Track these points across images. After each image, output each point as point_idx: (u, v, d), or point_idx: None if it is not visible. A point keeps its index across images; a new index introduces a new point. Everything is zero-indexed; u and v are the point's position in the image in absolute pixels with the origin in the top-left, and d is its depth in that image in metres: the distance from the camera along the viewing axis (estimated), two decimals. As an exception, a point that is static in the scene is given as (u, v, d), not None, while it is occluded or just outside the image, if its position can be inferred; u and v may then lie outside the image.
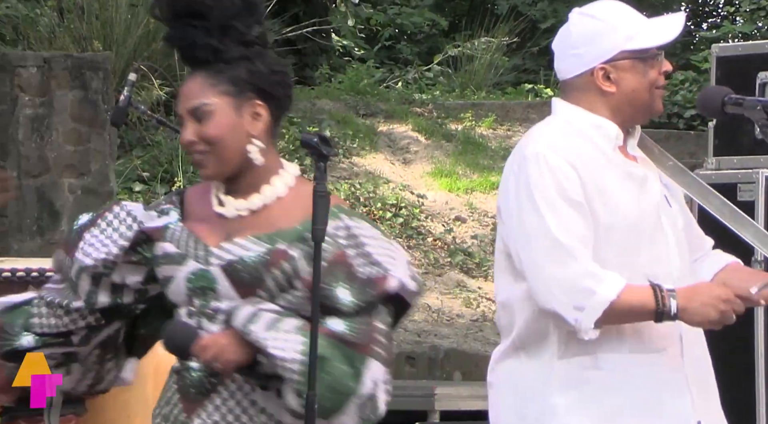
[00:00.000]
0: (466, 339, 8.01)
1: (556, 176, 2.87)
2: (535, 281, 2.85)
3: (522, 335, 2.92)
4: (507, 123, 10.62)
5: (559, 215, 2.85)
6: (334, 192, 8.93)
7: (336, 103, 10.40)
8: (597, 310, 2.82)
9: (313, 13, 11.50)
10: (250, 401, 2.62)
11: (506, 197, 2.94)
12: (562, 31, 3.04)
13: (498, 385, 2.99)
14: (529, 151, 2.92)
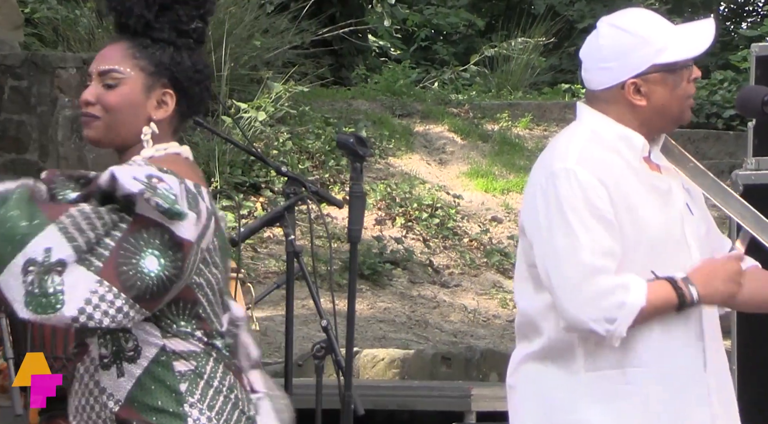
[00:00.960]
0: (502, 340, 8.00)
1: (587, 193, 2.87)
2: (563, 298, 2.86)
3: (548, 345, 2.93)
4: (543, 123, 10.60)
5: (589, 233, 2.86)
6: (370, 193, 8.94)
7: (372, 103, 10.41)
8: (628, 318, 2.85)
9: (350, 13, 11.52)
10: (95, 382, 2.57)
11: (534, 212, 2.92)
12: (590, 42, 3.00)
13: (520, 389, 2.99)
14: (557, 167, 2.91)
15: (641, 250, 2.90)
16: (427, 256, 8.77)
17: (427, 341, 7.83)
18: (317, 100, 10.10)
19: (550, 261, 2.88)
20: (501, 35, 12.37)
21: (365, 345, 7.37)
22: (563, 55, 13.01)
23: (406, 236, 8.88)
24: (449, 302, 8.43)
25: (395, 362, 6.98)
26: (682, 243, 2.95)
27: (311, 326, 7.42)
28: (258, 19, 9.86)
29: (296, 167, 8.90)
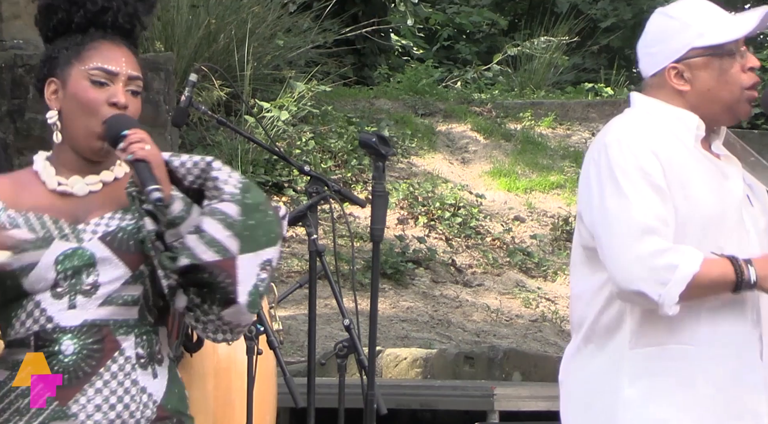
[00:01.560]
0: (525, 339, 7.99)
1: (639, 160, 2.85)
2: (615, 262, 2.82)
3: (593, 326, 2.91)
4: (566, 122, 10.58)
5: (641, 196, 2.83)
6: (393, 192, 8.94)
7: (394, 102, 10.40)
8: (681, 283, 2.80)
9: (373, 12, 11.52)
10: (132, 381, 2.57)
11: (587, 184, 2.91)
12: (643, 31, 3.03)
13: (567, 382, 2.98)
14: (609, 138, 2.90)
15: (693, 227, 2.86)
16: (450, 255, 8.76)
17: (449, 340, 7.83)
18: (340, 99, 10.11)
19: (602, 225, 2.85)
20: (524, 34, 12.35)
21: (388, 344, 7.37)
22: (586, 54, 12.98)
23: (429, 235, 8.88)
24: (472, 301, 8.42)
25: (418, 362, 6.98)
26: (739, 228, 2.91)
27: (334, 325, 7.42)
28: (281, 19, 9.87)
29: (319, 167, 8.91)
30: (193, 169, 2.58)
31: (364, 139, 3.85)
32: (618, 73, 11.83)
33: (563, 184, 9.62)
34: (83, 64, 2.60)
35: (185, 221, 2.54)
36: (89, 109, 2.59)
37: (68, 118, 2.60)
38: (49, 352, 2.54)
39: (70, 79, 2.61)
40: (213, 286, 2.55)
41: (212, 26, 9.24)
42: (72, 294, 2.55)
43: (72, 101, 2.60)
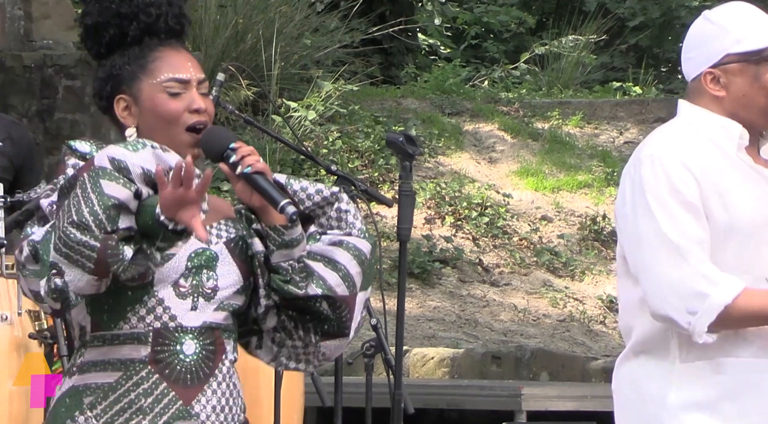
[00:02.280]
0: (552, 339, 7.98)
1: (670, 178, 2.83)
2: (647, 284, 2.82)
3: (641, 339, 2.89)
4: (594, 121, 10.55)
5: (671, 217, 2.81)
6: (420, 191, 8.94)
7: (422, 102, 10.40)
8: (710, 314, 2.78)
9: (400, 12, 11.51)
10: (233, 385, 2.61)
11: (622, 200, 2.90)
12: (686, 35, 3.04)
13: (620, 390, 2.96)
14: (644, 153, 2.89)
15: (733, 238, 2.84)
16: (477, 255, 8.75)
17: (476, 340, 7.82)
18: (367, 98, 10.11)
19: (634, 246, 2.84)
20: (552, 33, 12.32)
21: (415, 344, 7.37)
22: (614, 53, 12.94)
23: (456, 234, 8.87)
24: (499, 301, 8.41)
25: (445, 361, 6.97)
26: None
27: (361, 324, 7.42)
28: (308, 18, 9.88)
29: (346, 166, 8.91)
30: (315, 196, 2.61)
31: (391, 138, 3.85)
32: (646, 73, 11.80)
33: (591, 184, 9.59)
34: (153, 78, 2.60)
35: (300, 244, 2.57)
36: (171, 120, 2.59)
37: (149, 132, 2.59)
38: (170, 350, 2.54)
39: (143, 95, 2.60)
40: (326, 318, 2.60)
41: (240, 26, 9.26)
42: (195, 295, 2.56)
43: (150, 116, 2.60)
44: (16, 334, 3.59)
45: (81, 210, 2.42)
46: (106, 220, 2.41)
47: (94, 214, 2.41)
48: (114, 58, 2.61)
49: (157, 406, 2.52)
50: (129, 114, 2.60)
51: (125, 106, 2.60)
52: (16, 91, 7.83)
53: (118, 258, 2.42)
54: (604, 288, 8.64)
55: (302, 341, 2.64)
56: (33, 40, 8.04)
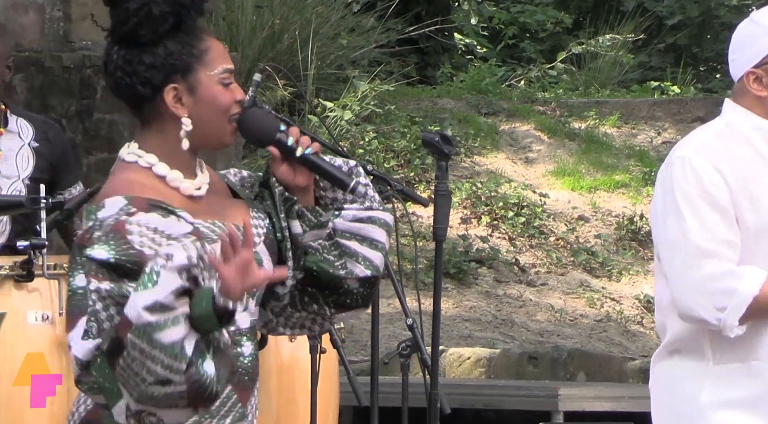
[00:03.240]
0: (590, 340, 7.95)
1: (701, 180, 2.85)
2: (675, 285, 2.84)
3: (674, 338, 2.91)
4: (632, 121, 10.51)
5: (700, 219, 2.83)
6: (456, 191, 8.93)
7: (458, 102, 10.39)
8: (740, 308, 2.80)
9: (436, 11, 11.51)
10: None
11: (655, 201, 2.94)
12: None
13: (655, 389, 2.98)
14: (676, 155, 2.91)
15: (765, 240, 2.85)
16: (513, 255, 8.74)
17: (513, 340, 7.80)
18: (403, 98, 10.11)
19: (663, 248, 2.87)
20: (588, 32, 12.28)
21: (451, 344, 7.36)
22: (652, 52, 12.88)
23: (492, 234, 8.86)
24: (535, 301, 8.39)
25: (481, 361, 6.96)
26: None
27: (397, 324, 7.42)
28: (344, 19, 9.89)
29: (382, 166, 8.91)
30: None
31: (427, 138, 3.85)
32: (685, 72, 11.74)
33: (628, 184, 9.56)
34: (210, 69, 2.57)
35: (328, 223, 2.56)
36: (225, 111, 2.57)
37: (201, 122, 2.55)
38: (234, 354, 2.52)
39: (200, 85, 2.55)
40: (350, 293, 2.59)
41: (276, 26, 9.28)
42: (245, 297, 2.53)
43: (206, 107, 2.56)
44: (57, 333, 3.61)
45: (153, 370, 2.34)
46: (180, 362, 2.35)
47: (168, 366, 2.35)
48: (167, 45, 2.54)
49: (222, 409, 2.52)
50: (180, 104, 2.55)
51: (177, 96, 2.55)
52: (55, 91, 7.87)
53: (206, 385, 2.37)
54: (642, 288, 8.61)
55: (313, 313, 2.61)
56: (72, 41, 8.09)
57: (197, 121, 2.56)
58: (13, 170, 3.96)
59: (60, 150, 4.09)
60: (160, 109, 2.55)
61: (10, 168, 3.96)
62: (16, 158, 3.96)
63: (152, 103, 2.55)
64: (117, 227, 2.45)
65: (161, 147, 2.55)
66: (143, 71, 2.54)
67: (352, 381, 4.06)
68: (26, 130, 4.03)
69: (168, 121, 2.55)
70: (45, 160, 4.04)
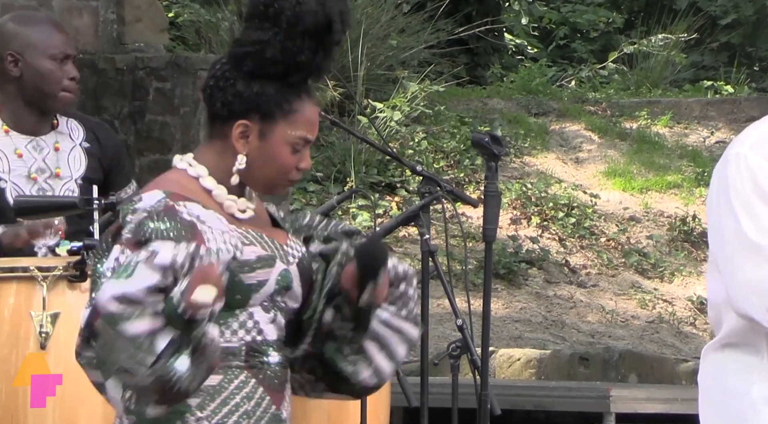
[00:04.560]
0: (641, 341, 7.91)
1: (755, 176, 2.83)
2: (728, 283, 2.82)
3: (729, 332, 2.89)
4: (684, 121, 10.44)
5: (753, 216, 2.81)
6: (505, 192, 8.90)
7: (507, 102, 10.36)
8: None
9: (486, 12, 11.48)
10: None
11: (710, 198, 2.92)
12: None
13: (704, 381, 2.96)
14: (731, 153, 2.90)
15: None
16: (563, 255, 8.70)
17: (563, 341, 7.77)
18: (452, 99, 10.10)
19: (718, 245, 2.85)
20: (640, 32, 12.21)
21: (501, 345, 7.35)
22: (705, 52, 12.79)
23: (542, 235, 8.83)
24: (586, 302, 8.36)
25: (531, 362, 6.94)
26: None
27: (446, 325, 7.41)
28: (394, 19, 9.89)
29: (431, 167, 8.90)
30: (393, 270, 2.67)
31: (476, 139, 3.83)
32: (738, 71, 11.64)
33: (680, 184, 9.49)
34: (292, 129, 2.57)
35: None
36: (282, 170, 2.58)
37: (256, 168, 2.57)
38: (261, 362, 2.57)
39: (273, 136, 2.56)
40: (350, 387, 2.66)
41: (325, 28, 9.28)
42: (275, 309, 2.59)
43: (267, 157, 2.57)
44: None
45: (116, 358, 2.38)
46: (145, 354, 2.39)
47: (132, 357, 2.37)
48: (263, 85, 2.54)
49: (258, 410, 2.55)
50: (245, 141, 2.56)
51: (244, 133, 2.55)
52: (108, 93, 7.92)
53: (172, 381, 2.39)
54: (694, 289, 8.55)
55: (305, 381, 2.67)
56: (125, 43, 8.14)
57: (252, 164, 2.58)
58: (66, 171, 3.99)
59: (112, 151, 4.11)
60: (228, 134, 2.57)
61: (63, 169, 3.99)
62: (68, 159, 3.99)
63: (222, 126, 2.57)
64: (168, 208, 2.49)
65: (215, 165, 2.58)
66: (230, 94, 2.55)
67: (402, 382, 4.05)
68: (77, 131, 4.06)
69: (229, 149, 2.58)
70: (96, 161, 4.06)
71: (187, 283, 2.40)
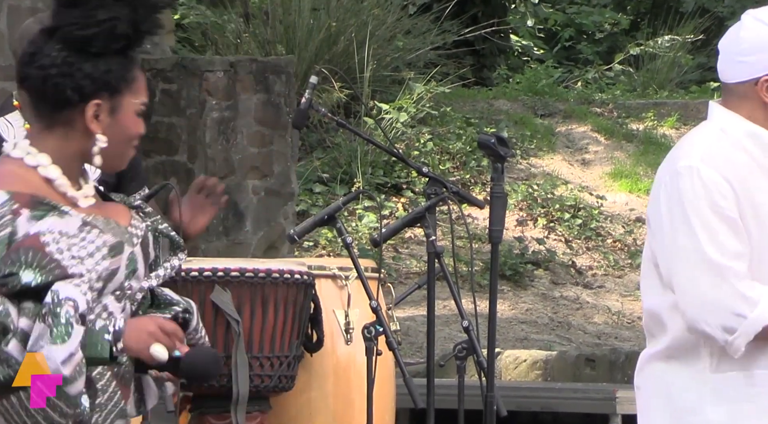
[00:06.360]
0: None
1: (710, 192, 2.80)
2: (684, 299, 2.79)
3: (673, 345, 2.87)
4: (691, 122, 10.43)
5: (712, 233, 2.78)
6: (512, 193, 8.90)
7: (514, 103, 10.36)
8: (749, 334, 2.77)
9: (492, 13, 11.49)
10: None
11: (657, 212, 2.87)
12: (731, 33, 2.98)
13: (647, 389, 2.93)
14: (681, 165, 2.85)
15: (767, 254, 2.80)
16: (570, 257, 8.70)
17: (570, 342, 7.77)
18: (458, 100, 10.10)
19: (672, 261, 2.81)
20: (646, 33, 12.21)
21: (507, 346, 7.34)
22: (712, 53, 12.77)
23: (548, 236, 8.82)
24: (592, 303, 8.35)
25: (538, 364, 6.94)
26: None
27: (453, 326, 7.41)
28: (400, 21, 9.90)
29: (437, 168, 8.91)
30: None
31: (482, 140, 3.83)
32: (743, 73, 11.62)
33: (686, 185, 9.49)
34: (135, 97, 2.60)
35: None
36: (131, 140, 2.61)
37: (112, 144, 2.59)
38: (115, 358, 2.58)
39: (122, 109, 2.58)
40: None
41: (333, 29, 9.30)
42: (125, 298, 2.60)
43: (121, 130, 2.59)
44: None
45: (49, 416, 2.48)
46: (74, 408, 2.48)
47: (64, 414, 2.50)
48: (109, 61, 2.56)
49: (109, 404, 2.57)
50: (97, 121, 2.57)
51: (96, 113, 2.57)
52: (113, 95, 7.94)
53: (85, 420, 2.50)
54: (700, 291, 8.54)
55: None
56: (130, 45, 8.15)
57: (109, 143, 2.59)
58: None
59: None
60: (74, 118, 2.57)
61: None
62: None
63: (70, 111, 2.57)
64: (31, 242, 2.49)
65: (58, 153, 2.57)
66: (80, 78, 2.55)
67: (408, 383, 4.06)
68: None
69: (77, 132, 2.57)
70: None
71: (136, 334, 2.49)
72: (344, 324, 4.12)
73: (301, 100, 4.24)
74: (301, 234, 4.12)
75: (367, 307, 4.02)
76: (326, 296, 4.13)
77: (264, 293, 3.99)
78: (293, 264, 4.13)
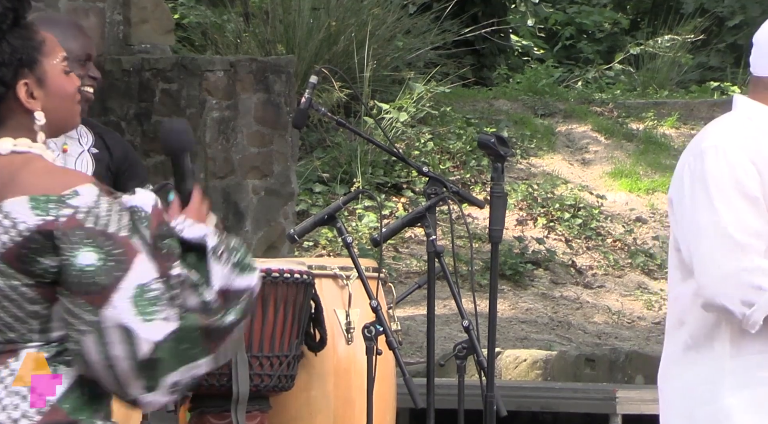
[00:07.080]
0: (648, 342, 7.90)
1: (734, 170, 2.83)
2: (703, 274, 2.81)
3: (693, 333, 2.89)
4: (691, 122, 10.43)
5: (734, 210, 2.81)
6: (512, 193, 8.90)
7: (514, 103, 10.36)
8: (766, 309, 2.78)
9: (492, 13, 11.49)
10: None
11: (680, 190, 2.90)
12: (766, 27, 2.99)
13: (667, 389, 2.96)
14: (706, 144, 2.89)
15: None
16: (570, 256, 8.70)
17: (570, 342, 7.77)
18: (458, 100, 10.10)
19: (692, 237, 2.83)
20: (646, 33, 12.21)
21: (507, 346, 7.34)
22: (712, 53, 12.78)
23: (548, 236, 8.82)
24: (592, 303, 8.35)
25: (538, 363, 6.94)
26: None
27: (453, 326, 7.41)
28: (400, 20, 9.90)
29: (437, 167, 8.91)
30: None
31: (482, 140, 3.83)
32: (745, 72, 11.62)
33: (686, 185, 9.48)
34: (52, 58, 2.57)
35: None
36: (72, 98, 2.59)
37: (53, 112, 2.56)
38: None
39: (47, 77, 2.56)
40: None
41: (333, 28, 9.30)
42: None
43: (56, 97, 2.57)
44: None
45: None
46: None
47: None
48: (9, 41, 2.53)
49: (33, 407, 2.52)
50: (33, 98, 2.54)
51: (27, 90, 2.54)
52: (114, 94, 7.93)
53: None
54: (700, 290, 8.54)
55: None
56: (131, 45, 8.15)
57: (49, 112, 2.57)
58: None
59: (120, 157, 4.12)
60: (12, 106, 2.56)
61: (68, 171, 4.00)
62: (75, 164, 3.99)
63: (7, 103, 2.55)
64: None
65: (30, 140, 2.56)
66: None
67: (408, 383, 4.06)
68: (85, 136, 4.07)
69: (21, 116, 2.56)
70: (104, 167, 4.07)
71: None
72: (345, 324, 4.12)
73: (301, 99, 4.24)
74: (301, 234, 4.12)
75: (367, 306, 4.02)
76: (327, 295, 4.13)
77: (264, 292, 3.98)
78: (293, 264, 4.13)
